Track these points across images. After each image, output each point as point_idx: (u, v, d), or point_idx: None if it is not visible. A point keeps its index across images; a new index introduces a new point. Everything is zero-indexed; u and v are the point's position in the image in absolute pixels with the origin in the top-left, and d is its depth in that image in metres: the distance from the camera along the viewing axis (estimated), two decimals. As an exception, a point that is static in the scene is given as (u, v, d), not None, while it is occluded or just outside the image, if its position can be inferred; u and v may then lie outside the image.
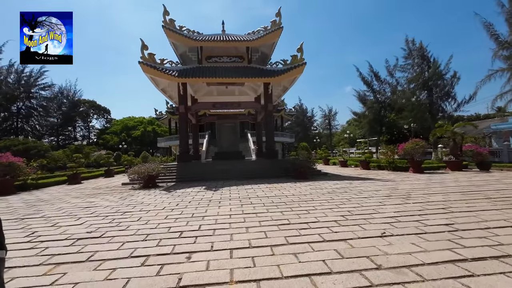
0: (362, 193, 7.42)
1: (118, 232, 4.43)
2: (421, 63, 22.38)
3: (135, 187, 10.58)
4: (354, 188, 8.42)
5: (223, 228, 4.40)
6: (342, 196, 6.97)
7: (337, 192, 7.74)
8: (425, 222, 4.35)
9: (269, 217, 5.02)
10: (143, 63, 12.97)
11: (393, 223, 4.38)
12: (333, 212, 5.24)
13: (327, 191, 8.01)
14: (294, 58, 14.67)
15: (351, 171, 15.56)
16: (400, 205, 5.67)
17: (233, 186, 10.00)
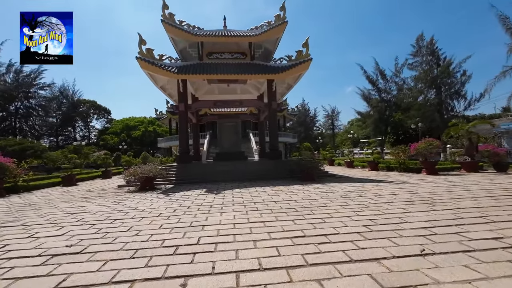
0: (379, 197, 6.71)
1: (103, 246, 3.75)
2: (430, 61, 21.63)
3: (131, 190, 9.91)
4: (368, 191, 7.71)
5: (227, 242, 3.71)
6: (358, 201, 6.26)
7: (351, 196, 7.03)
8: (467, 235, 3.65)
9: (280, 227, 4.33)
10: (141, 59, 12.32)
11: (429, 236, 3.68)
12: (353, 221, 4.54)
13: (339, 195, 7.30)
14: (299, 53, 13.97)
15: (359, 172, 14.84)
16: (428, 213, 4.96)
17: (236, 188, 9.31)
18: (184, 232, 4.25)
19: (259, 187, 9.38)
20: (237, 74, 13.46)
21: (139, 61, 12.30)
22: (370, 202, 6.08)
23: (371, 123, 27.67)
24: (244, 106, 15.20)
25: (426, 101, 21.74)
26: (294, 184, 9.98)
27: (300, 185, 9.66)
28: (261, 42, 15.68)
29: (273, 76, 13.68)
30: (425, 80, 21.10)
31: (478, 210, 5.02)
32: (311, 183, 10.03)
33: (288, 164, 13.52)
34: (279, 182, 10.61)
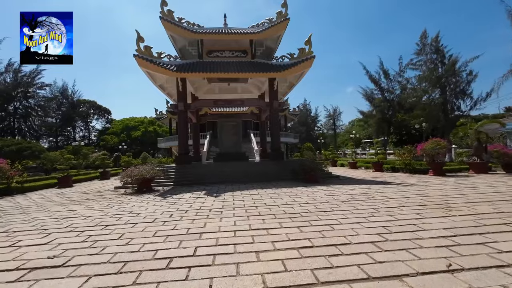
0: (389, 201, 6.32)
1: (89, 257, 3.37)
2: (435, 59, 21.18)
3: (128, 192, 9.54)
4: (376, 194, 7.31)
5: (226, 253, 3.33)
6: (366, 205, 5.87)
7: (359, 199, 6.64)
8: (496, 247, 3.25)
9: (284, 236, 3.94)
10: (139, 56, 11.97)
11: (452, 247, 3.28)
12: (365, 229, 4.15)
13: (345, 198, 6.91)
14: (301, 51, 13.59)
15: (363, 173, 14.43)
16: (446, 219, 4.57)
17: (237, 191, 8.93)
18: (180, 241, 3.86)
19: (261, 189, 8.99)
20: (238, 73, 13.09)
21: (137, 59, 11.94)
22: (380, 207, 5.69)
23: (374, 123, 27.23)
24: (245, 105, 14.82)
25: (431, 100, 21.28)
26: (298, 186, 9.59)
27: (303, 187, 9.27)
28: (263, 40, 15.31)
29: (275, 75, 13.30)
30: (430, 79, 20.65)
31: (499, 216, 4.62)
32: (315, 185, 9.64)
33: (290, 165, 13.13)
34: (282, 184, 10.22)
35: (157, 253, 3.43)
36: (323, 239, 3.76)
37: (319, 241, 3.67)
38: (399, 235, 3.81)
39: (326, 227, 4.31)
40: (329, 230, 4.17)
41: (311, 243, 3.60)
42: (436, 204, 5.80)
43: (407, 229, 4.09)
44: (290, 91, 17.12)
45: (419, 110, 22.33)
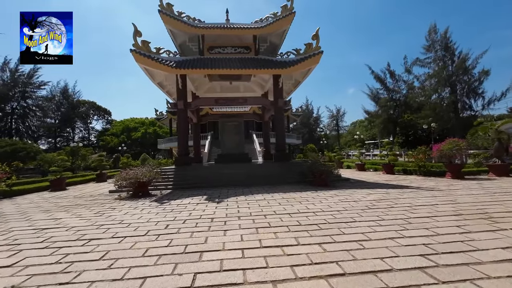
0: (416, 209, 5.53)
1: (56, 288, 2.62)
2: (444, 57, 20.39)
3: (122, 197, 8.79)
4: (397, 200, 6.53)
5: (234, 284, 2.56)
6: (392, 215, 5.09)
7: (380, 207, 5.86)
8: None
9: (305, 257, 3.17)
10: (136, 52, 11.26)
11: (531, 278, 2.51)
12: (403, 248, 3.37)
13: (364, 205, 6.13)
14: (308, 46, 12.85)
15: (373, 175, 13.63)
16: (496, 234, 3.78)
17: (241, 196, 8.16)
18: (175, 264, 3.10)
19: (267, 194, 8.22)
20: (241, 69, 12.35)
21: (134, 54, 11.23)
22: (409, 217, 4.91)
23: (380, 123, 26.42)
24: (248, 104, 14.09)
25: (440, 100, 20.48)
26: (307, 190, 8.82)
27: (313, 191, 8.49)
28: (267, 35, 14.60)
29: (280, 71, 12.56)
30: (439, 77, 19.86)
31: (561, 231, 3.84)
32: (326, 189, 8.86)
33: (296, 167, 12.37)
34: (289, 188, 9.45)
35: (144, 283, 2.67)
36: (355, 262, 2.99)
37: (350, 265, 2.90)
38: (451, 257, 3.04)
39: (354, 245, 3.53)
40: (358, 248, 3.39)
41: (341, 268, 2.83)
42: (474, 213, 5.01)
43: (456, 248, 3.31)
44: (295, 89, 16.37)
45: (427, 110, 21.54)
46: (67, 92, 43.27)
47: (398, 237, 3.78)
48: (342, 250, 3.37)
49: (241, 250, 3.49)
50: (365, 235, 3.94)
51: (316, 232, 4.16)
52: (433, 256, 3.09)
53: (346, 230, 4.21)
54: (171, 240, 3.98)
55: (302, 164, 13.48)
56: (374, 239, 3.75)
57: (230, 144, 15.87)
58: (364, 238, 3.78)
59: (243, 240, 3.90)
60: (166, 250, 3.57)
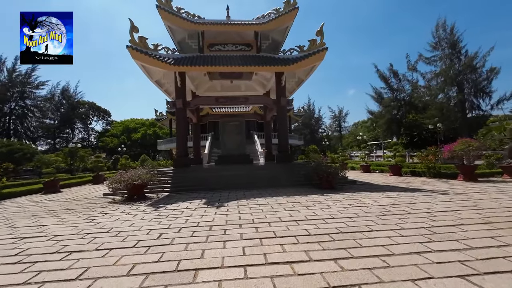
0: (437, 216, 4.99)
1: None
2: (451, 54, 19.83)
3: (116, 200, 8.28)
4: (413, 206, 5.99)
5: (235, 319, 2.04)
6: (411, 223, 4.55)
7: (396, 213, 5.32)
8: None
9: (320, 278, 2.65)
10: (132, 48, 10.78)
11: None
12: (435, 266, 2.84)
13: (378, 211, 5.59)
14: (312, 43, 12.35)
15: (380, 177, 13.08)
16: (542, 248, 3.24)
17: (242, 199, 7.64)
18: (165, 287, 2.58)
19: (270, 198, 7.69)
20: (242, 66, 11.86)
21: (130, 50, 10.75)
22: (432, 225, 4.37)
23: (383, 124, 25.84)
24: (250, 103, 13.59)
25: (447, 99, 19.91)
26: (312, 193, 8.28)
27: (320, 195, 7.96)
28: (269, 32, 14.10)
29: (283, 68, 12.06)
30: (446, 76, 19.30)
31: None
32: (332, 192, 8.32)
33: (300, 168, 11.85)
34: (293, 191, 8.91)
35: (123, 315, 2.14)
36: (382, 285, 2.46)
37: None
38: (497, 280, 2.50)
39: (376, 261, 3.00)
40: (382, 266, 2.86)
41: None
42: (505, 221, 4.47)
43: (499, 266, 2.78)
44: (298, 88, 15.85)
45: (433, 109, 20.97)
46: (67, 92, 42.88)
47: (426, 252, 3.24)
48: (363, 268, 2.84)
49: (243, 267, 2.97)
50: (386, 248, 3.40)
51: (329, 244, 3.63)
52: (475, 277, 2.56)
53: (363, 241, 3.68)
54: (163, 254, 3.46)
55: (305, 165, 12.96)
56: (397, 253, 3.22)
57: (231, 144, 15.37)
58: (386, 253, 3.25)
59: (245, 254, 3.37)
60: (156, 267, 3.05)
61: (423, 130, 27.65)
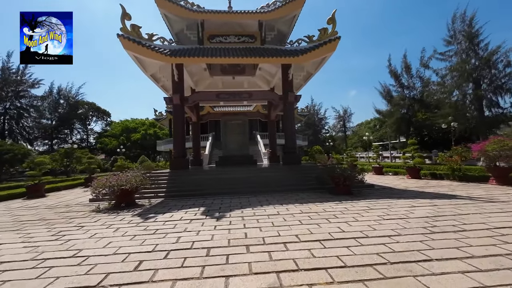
0: (503, 234, 3.82)
1: None
2: (468, 49, 18.59)
3: (101, 208, 7.16)
4: (461, 218, 4.82)
5: None
6: (479, 246, 3.39)
7: (446, 229, 4.15)
8: None
9: None
10: (123, 37, 9.70)
11: None
12: None
13: (421, 226, 4.43)
14: (323, 32, 11.21)
15: (396, 180, 11.88)
16: None
17: (247, 207, 6.50)
18: None
19: (280, 206, 6.55)
20: (245, 58, 10.74)
21: (122, 39, 9.67)
22: (510, 250, 3.20)
23: (392, 123, 24.60)
24: (254, 99, 12.49)
25: (463, 96, 18.67)
26: (328, 200, 7.13)
27: (337, 202, 6.80)
28: (274, 22, 13.01)
29: (290, 60, 10.93)
30: (462, 71, 18.09)
31: None
32: (352, 199, 7.17)
33: (309, 170, 10.71)
34: (305, 197, 7.77)
35: None
36: None
37: None
38: None
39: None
40: None
41: None
42: None
43: None
44: (305, 84, 14.71)
45: (448, 107, 19.74)
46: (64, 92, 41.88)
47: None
48: None
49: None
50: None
51: (381, 286, 2.47)
52: None
53: (428, 281, 2.52)
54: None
55: (314, 167, 11.81)
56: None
57: (233, 145, 14.27)
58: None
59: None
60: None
61: (434, 130, 26.42)
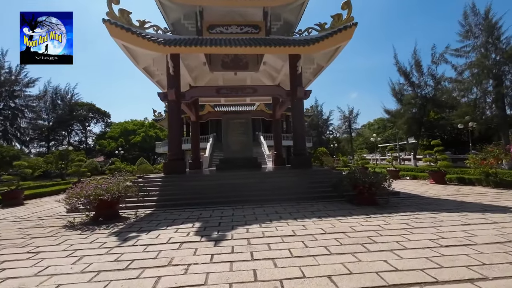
0: None
1: None
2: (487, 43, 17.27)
3: (76, 222, 5.90)
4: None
5: None
6: None
7: (551, 268, 2.83)
8: None
9: None
10: (110, 22, 8.49)
11: None
12: None
13: (499, 256, 3.12)
14: (336, 18, 9.94)
15: (420, 186, 10.53)
16: None
17: (253, 224, 5.21)
18: None
19: (294, 221, 5.26)
20: (248, 47, 9.54)
21: (108, 25, 8.46)
22: None
23: (403, 124, 23.24)
24: (258, 94, 11.21)
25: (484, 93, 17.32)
26: (351, 213, 5.83)
27: (363, 216, 5.50)
28: (280, 11, 11.78)
29: (300, 50, 9.67)
30: (482, 67, 16.77)
31: None
32: (379, 211, 5.86)
33: (323, 175, 9.42)
34: (322, 208, 6.47)
35: None
36: None
37: None
38: None
39: None
40: None
41: None
42: None
43: None
44: (314, 79, 13.43)
45: (465, 106, 18.39)
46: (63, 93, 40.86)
47: None
48: None
49: None
50: None
51: None
52: None
53: None
54: None
55: (328, 172, 10.51)
56: None
57: (235, 146, 12.99)
58: None
59: None
60: None
61: (447, 131, 25.04)
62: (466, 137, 24.75)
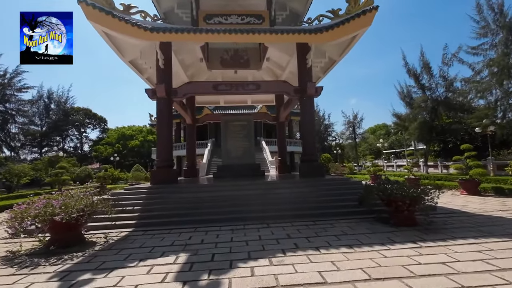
0: None
1: None
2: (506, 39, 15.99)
3: (19, 252, 4.40)
4: None
5: None
6: None
7: None
8: None
9: None
10: (87, 3, 7.15)
11: None
12: None
13: None
14: (353, 2, 8.60)
15: (452, 197, 9.01)
16: None
17: (260, 257, 3.71)
18: None
19: (316, 253, 3.75)
20: (251, 34, 8.24)
21: (84, 6, 7.14)
22: None
23: (415, 129, 21.82)
24: (262, 91, 9.79)
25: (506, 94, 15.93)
26: (389, 238, 4.33)
27: (410, 244, 4.00)
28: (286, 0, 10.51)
29: (311, 39, 8.34)
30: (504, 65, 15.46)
31: None
32: (427, 236, 4.37)
33: (338, 185, 7.92)
34: (347, 230, 4.98)
35: None
36: None
37: None
38: None
39: None
40: None
41: None
42: None
43: None
44: (324, 76, 12.07)
45: (484, 109, 17.03)
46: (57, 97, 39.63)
47: None
48: None
49: None
50: None
51: None
52: None
53: None
54: None
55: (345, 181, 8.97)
56: None
57: (235, 151, 11.57)
58: None
59: None
60: None
61: (460, 136, 23.61)
62: (480, 142, 23.29)
